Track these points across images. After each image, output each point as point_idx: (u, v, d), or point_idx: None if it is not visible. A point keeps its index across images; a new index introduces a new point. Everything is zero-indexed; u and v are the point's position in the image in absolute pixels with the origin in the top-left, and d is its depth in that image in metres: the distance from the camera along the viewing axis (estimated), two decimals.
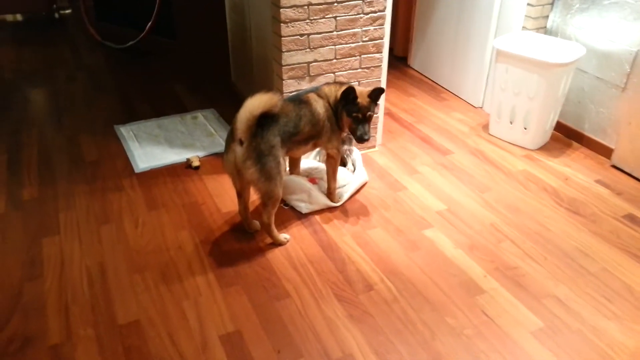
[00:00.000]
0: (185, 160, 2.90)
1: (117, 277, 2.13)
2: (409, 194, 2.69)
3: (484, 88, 3.53)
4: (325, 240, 2.36)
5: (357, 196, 2.67)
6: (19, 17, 5.76)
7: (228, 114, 3.43)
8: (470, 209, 2.58)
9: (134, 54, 4.48)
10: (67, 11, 5.94)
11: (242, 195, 2.28)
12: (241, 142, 2.06)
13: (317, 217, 2.50)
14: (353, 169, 2.75)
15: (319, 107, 2.32)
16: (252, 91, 3.33)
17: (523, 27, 3.22)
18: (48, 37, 4.97)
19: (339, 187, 2.63)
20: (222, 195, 2.63)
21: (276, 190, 2.17)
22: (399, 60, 4.41)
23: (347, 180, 2.66)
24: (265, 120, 2.07)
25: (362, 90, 2.33)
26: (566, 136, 3.23)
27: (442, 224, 2.48)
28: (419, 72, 4.18)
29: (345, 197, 2.60)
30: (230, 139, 2.11)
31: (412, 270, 2.20)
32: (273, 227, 2.27)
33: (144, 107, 3.56)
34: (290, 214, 2.52)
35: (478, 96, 3.60)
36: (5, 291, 2.05)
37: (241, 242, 2.34)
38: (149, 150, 3.02)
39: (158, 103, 3.62)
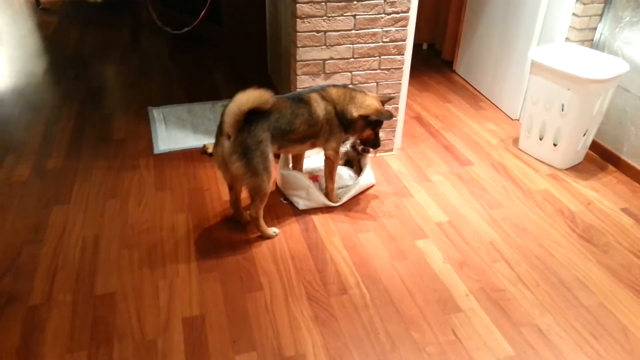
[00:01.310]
0: (202, 146, 2.99)
1: (107, 250, 2.24)
2: (413, 202, 2.62)
3: (522, 100, 3.36)
4: (313, 238, 2.36)
5: (359, 198, 2.63)
6: None
7: None
8: (473, 224, 2.48)
9: (188, 40, 4.65)
10: None
11: (232, 187, 2.32)
12: (229, 136, 2.08)
13: (312, 215, 2.50)
14: (360, 170, 2.71)
15: (319, 108, 2.28)
16: (282, 84, 3.39)
17: (566, 38, 3.03)
18: (116, 20, 5.27)
19: (342, 188, 2.61)
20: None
21: (263, 186, 2.19)
22: (446, 64, 4.28)
23: (351, 181, 2.63)
24: (254, 115, 2.08)
25: (375, 100, 2.36)
26: (602, 158, 3.01)
27: (438, 236, 2.40)
28: (462, 78, 4.04)
29: (346, 198, 2.57)
30: (220, 132, 2.14)
31: (392, 279, 2.15)
32: (261, 221, 2.30)
33: (181, 92, 3.70)
34: (286, 209, 2.54)
35: (516, 108, 3.43)
36: (7, 251, 2.22)
37: (231, 230, 2.38)
38: (173, 133, 3.14)
39: (195, 89, 3.75)
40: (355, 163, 2.73)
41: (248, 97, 2.02)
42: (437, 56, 4.44)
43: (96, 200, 2.55)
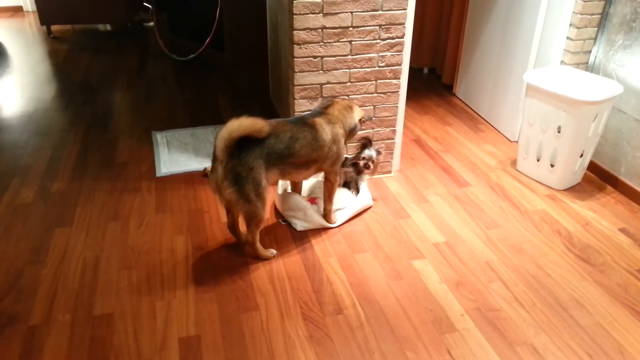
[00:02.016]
0: (203, 169, 3.04)
1: (107, 271, 2.27)
2: (410, 223, 2.64)
3: (520, 122, 3.39)
4: (310, 259, 2.38)
5: (357, 219, 2.66)
6: (108, 27, 6.32)
7: None
8: (470, 244, 2.49)
9: (193, 66, 4.76)
10: (150, 24, 6.44)
11: (229, 211, 2.33)
12: (222, 162, 2.09)
13: (310, 236, 2.53)
14: (356, 192, 2.74)
15: (325, 133, 2.30)
16: (282, 108, 3.45)
17: (561, 61, 3.07)
18: (124, 47, 5.41)
19: (339, 209, 2.64)
20: None
21: (257, 212, 2.20)
22: (446, 88, 4.34)
23: (348, 202, 2.66)
24: (248, 142, 2.08)
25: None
26: (600, 178, 3.03)
27: (435, 256, 2.41)
28: (462, 101, 4.09)
29: (343, 219, 2.60)
30: (214, 157, 2.15)
31: (387, 299, 2.16)
32: (258, 245, 2.32)
33: (185, 116, 3.78)
34: (284, 229, 2.57)
35: (514, 130, 3.46)
36: (9, 272, 2.26)
37: (229, 251, 2.41)
38: (175, 156, 3.20)
39: (199, 113, 3.83)
40: (353, 185, 2.76)
41: (239, 125, 2.02)
42: (438, 80, 4.51)
43: (98, 222, 2.59)
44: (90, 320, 2.02)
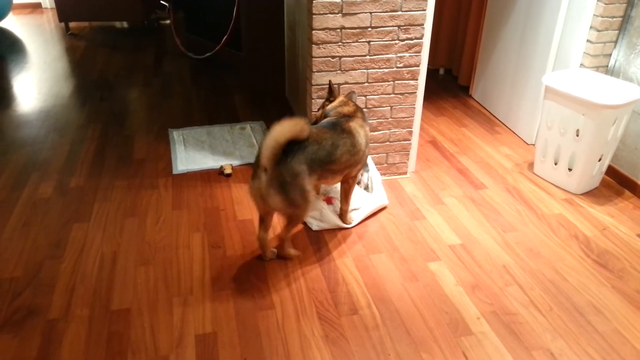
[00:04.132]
0: (219, 167, 3.06)
1: (124, 267, 2.29)
2: (426, 224, 2.63)
3: (538, 125, 3.37)
4: (326, 258, 2.38)
5: (372, 220, 2.66)
6: (125, 24, 6.37)
7: None
8: (487, 247, 2.48)
9: (210, 64, 4.78)
10: (167, 22, 6.48)
11: (264, 220, 2.28)
12: (266, 170, 2.06)
13: (325, 235, 2.53)
14: (370, 189, 2.74)
15: (361, 137, 2.31)
16: (298, 107, 3.46)
17: (581, 64, 3.05)
18: (141, 44, 5.45)
19: (354, 209, 2.64)
20: (242, 204, 2.74)
21: (302, 215, 2.20)
22: (462, 89, 4.32)
23: (363, 203, 2.66)
24: (291, 147, 2.05)
25: None
26: (619, 183, 3.00)
27: (451, 258, 2.40)
28: (478, 103, 4.07)
29: (359, 219, 2.60)
30: (257, 166, 2.11)
31: (403, 300, 2.16)
32: (288, 242, 2.32)
33: (201, 114, 3.80)
34: (300, 229, 2.57)
35: (531, 133, 3.44)
36: (28, 266, 2.29)
37: (245, 249, 2.42)
38: (192, 154, 3.22)
39: (215, 112, 3.84)
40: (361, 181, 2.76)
41: (283, 129, 1.99)
42: (454, 81, 4.49)
43: (115, 218, 2.62)
44: (108, 315, 2.04)
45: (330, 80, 2.48)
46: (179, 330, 1.98)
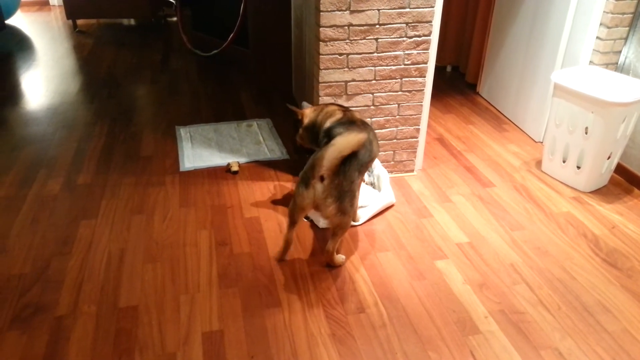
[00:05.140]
0: (226, 164, 3.05)
1: (132, 264, 2.30)
2: (433, 222, 2.62)
3: (546, 122, 3.35)
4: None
5: (379, 218, 2.65)
6: (132, 21, 6.39)
7: (282, 125, 3.57)
8: (494, 245, 2.47)
9: (216, 62, 4.78)
10: (174, 19, 6.49)
11: (295, 224, 2.26)
12: (322, 179, 2.06)
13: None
14: (378, 187, 2.73)
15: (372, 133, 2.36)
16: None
17: (590, 61, 3.02)
18: (148, 41, 5.45)
19: (362, 207, 2.63)
20: (249, 201, 2.74)
21: (349, 222, 2.21)
22: (469, 86, 4.30)
23: (370, 200, 2.65)
24: (347, 156, 2.07)
25: None
26: (628, 181, 2.97)
27: (459, 257, 2.39)
28: (486, 100, 4.05)
29: (366, 217, 2.59)
30: (311, 175, 2.08)
31: (410, 299, 2.15)
32: (335, 253, 2.30)
33: (208, 112, 3.80)
34: (306, 227, 2.57)
35: (539, 130, 3.42)
36: (36, 263, 2.30)
37: (252, 247, 2.42)
38: (199, 151, 3.22)
39: (222, 109, 3.84)
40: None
41: (348, 143, 2.01)
42: (461, 78, 4.47)
43: (123, 215, 2.62)
44: (116, 312, 2.05)
45: (288, 105, 2.51)
46: (186, 328, 1.98)
